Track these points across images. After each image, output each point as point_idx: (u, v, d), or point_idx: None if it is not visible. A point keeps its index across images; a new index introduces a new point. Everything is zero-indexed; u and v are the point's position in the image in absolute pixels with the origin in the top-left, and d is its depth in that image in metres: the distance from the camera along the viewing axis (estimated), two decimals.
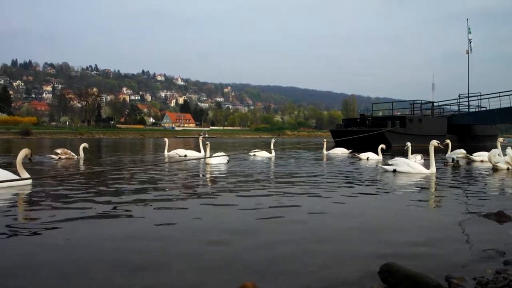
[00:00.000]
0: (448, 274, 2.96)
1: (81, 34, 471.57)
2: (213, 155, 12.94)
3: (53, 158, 14.80)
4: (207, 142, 12.56)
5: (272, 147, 17.90)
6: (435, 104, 38.43)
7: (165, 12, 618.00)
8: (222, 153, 13.47)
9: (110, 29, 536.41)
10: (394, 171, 10.31)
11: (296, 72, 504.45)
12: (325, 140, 20.69)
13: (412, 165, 10.34)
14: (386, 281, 2.87)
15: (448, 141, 17.93)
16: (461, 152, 17.43)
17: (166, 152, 18.21)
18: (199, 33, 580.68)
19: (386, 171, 10.60)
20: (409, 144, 14.35)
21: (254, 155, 17.09)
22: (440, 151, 17.77)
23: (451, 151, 17.98)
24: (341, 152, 19.59)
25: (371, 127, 31.31)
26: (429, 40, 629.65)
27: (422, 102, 36.73)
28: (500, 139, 13.51)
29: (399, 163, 10.53)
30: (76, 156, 15.37)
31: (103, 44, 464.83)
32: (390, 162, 11.05)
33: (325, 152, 19.22)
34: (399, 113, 40.41)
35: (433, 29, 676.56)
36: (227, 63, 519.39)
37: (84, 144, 16.30)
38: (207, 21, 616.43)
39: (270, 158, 15.98)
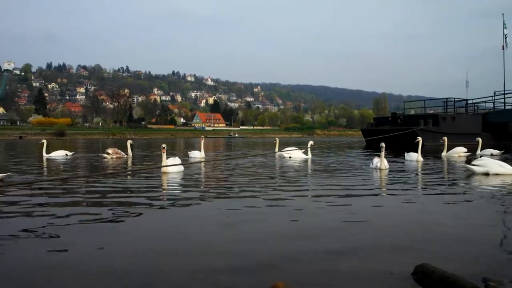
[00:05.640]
0: (485, 276, 2.89)
1: (113, 37, 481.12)
2: (169, 161, 10.69)
3: (105, 158, 15.38)
4: (163, 146, 10.22)
5: (309, 147, 15.45)
6: (469, 101, 37.44)
7: (194, 13, 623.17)
8: (177, 159, 11.12)
9: (141, 31, 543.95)
10: (487, 173, 9.25)
11: (326, 71, 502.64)
12: (277, 138, 18.70)
13: (504, 166, 9.33)
14: (420, 282, 2.83)
15: (419, 138, 14.97)
16: (460, 151, 16.77)
17: (44, 154, 16.73)
18: (228, 33, 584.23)
19: (473, 173, 9.58)
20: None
21: (290, 157, 15.03)
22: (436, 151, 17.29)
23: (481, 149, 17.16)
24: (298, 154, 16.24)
25: (403, 125, 30.77)
26: (463, 36, 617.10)
27: (455, 100, 35.95)
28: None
29: (487, 163, 9.51)
30: (125, 155, 15.84)
31: (134, 46, 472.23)
32: (475, 162, 9.99)
33: (277, 152, 16.63)
34: (431, 112, 39.53)
35: (466, 25, 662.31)
36: (256, 63, 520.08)
37: (130, 141, 16.78)
38: (236, 21, 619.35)
39: (306, 160, 14.47)
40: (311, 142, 16.30)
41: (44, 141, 17.56)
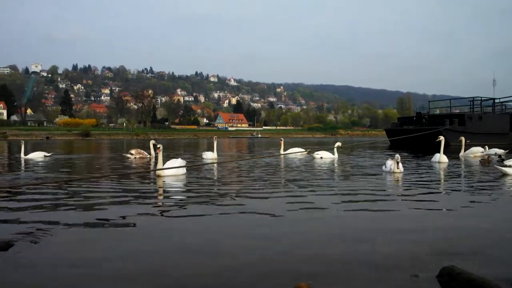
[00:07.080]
0: None
1: (136, 38, 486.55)
2: (169, 162, 10.22)
3: (129, 158, 15.89)
4: (158, 146, 9.70)
5: (335, 148, 15.47)
6: (497, 100, 36.69)
7: (216, 14, 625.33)
8: (180, 161, 10.41)
9: (164, 33, 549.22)
10: None
11: (349, 70, 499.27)
12: (282, 139, 18.81)
13: None
14: (446, 285, 2.76)
15: (441, 138, 13.75)
16: (476, 151, 16.44)
17: (22, 156, 16.42)
18: (251, 33, 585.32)
19: (505, 174, 9.21)
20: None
21: (321, 157, 15.17)
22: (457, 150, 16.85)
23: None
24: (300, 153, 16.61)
25: (428, 125, 30.33)
26: (488, 34, 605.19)
27: (482, 99, 35.24)
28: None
29: None
30: (148, 156, 16.24)
31: (157, 47, 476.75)
32: (507, 163, 9.78)
33: (282, 152, 16.74)
34: (457, 111, 38.84)
35: (491, 22, 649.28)
36: (279, 63, 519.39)
37: (153, 141, 17.07)
38: (259, 21, 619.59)
39: (334, 160, 14.67)
40: (338, 143, 16.21)
41: (22, 141, 18.03)
